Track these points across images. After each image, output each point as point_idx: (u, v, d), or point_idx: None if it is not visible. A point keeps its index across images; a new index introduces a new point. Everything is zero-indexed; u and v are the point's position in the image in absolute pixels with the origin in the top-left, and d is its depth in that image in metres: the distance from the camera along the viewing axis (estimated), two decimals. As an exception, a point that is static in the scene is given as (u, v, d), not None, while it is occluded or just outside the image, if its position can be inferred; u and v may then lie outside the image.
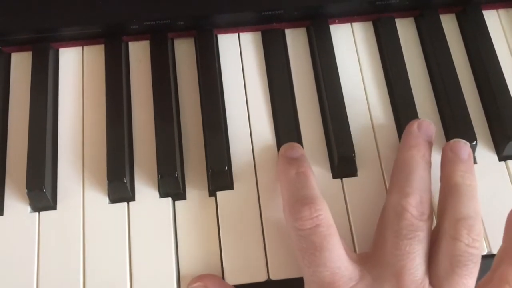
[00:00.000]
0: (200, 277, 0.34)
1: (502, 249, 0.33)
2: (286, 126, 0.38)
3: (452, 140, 0.35)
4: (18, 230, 0.36)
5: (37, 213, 0.36)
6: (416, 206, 0.32)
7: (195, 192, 0.37)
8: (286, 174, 0.34)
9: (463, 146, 0.35)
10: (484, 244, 0.35)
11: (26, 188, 0.35)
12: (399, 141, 0.38)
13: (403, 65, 0.40)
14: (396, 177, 0.34)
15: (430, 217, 0.32)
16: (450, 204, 0.32)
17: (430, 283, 0.31)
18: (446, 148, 0.35)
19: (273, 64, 0.40)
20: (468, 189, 0.33)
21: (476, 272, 0.31)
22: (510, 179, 0.37)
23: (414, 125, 0.36)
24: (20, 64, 0.41)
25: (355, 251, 0.35)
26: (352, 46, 0.41)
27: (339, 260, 0.31)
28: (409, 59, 0.40)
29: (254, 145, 0.38)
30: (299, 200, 0.32)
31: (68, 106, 0.40)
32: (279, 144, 0.38)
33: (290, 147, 0.36)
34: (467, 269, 0.30)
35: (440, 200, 0.34)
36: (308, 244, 0.31)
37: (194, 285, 0.34)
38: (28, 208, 0.36)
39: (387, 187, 0.37)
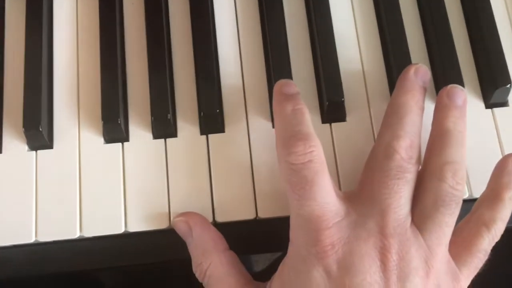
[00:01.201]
0: (183, 214, 0.35)
1: (483, 193, 0.34)
2: (278, 71, 0.39)
3: (449, 86, 0.36)
4: (16, 168, 0.37)
5: (34, 152, 0.37)
6: (405, 149, 0.32)
7: (187, 130, 0.38)
8: (282, 110, 0.34)
9: (459, 92, 0.35)
10: (466, 188, 0.36)
11: (23, 128, 0.36)
12: (389, 87, 0.39)
13: (398, 11, 0.40)
14: (389, 120, 0.35)
15: (418, 162, 0.33)
16: (439, 148, 0.33)
17: (413, 222, 0.32)
18: (443, 93, 0.35)
19: (267, 9, 0.40)
20: (458, 135, 0.34)
21: (457, 212, 0.32)
22: (495, 126, 0.38)
23: (411, 70, 0.36)
24: (15, 5, 0.41)
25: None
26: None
27: (328, 195, 0.32)
28: (402, 5, 0.40)
29: (246, 89, 0.39)
30: (294, 135, 0.32)
31: (63, 47, 0.40)
32: (270, 88, 0.39)
33: (286, 84, 0.36)
34: (450, 208, 0.32)
35: (429, 143, 0.34)
36: (300, 178, 0.31)
37: (176, 219, 0.35)
38: (26, 147, 0.38)
39: (375, 133, 0.38)
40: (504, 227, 0.33)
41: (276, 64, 0.39)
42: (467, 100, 0.36)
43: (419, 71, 0.36)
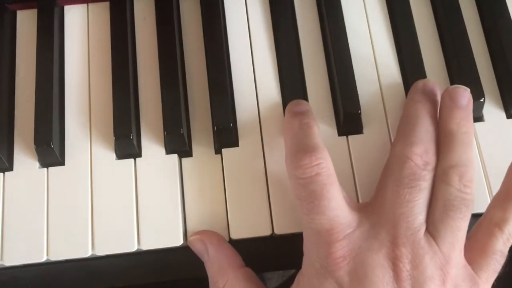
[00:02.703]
0: (199, 232, 0.35)
1: (496, 195, 0.34)
2: (292, 84, 0.38)
3: (452, 86, 0.35)
4: (27, 185, 0.36)
5: (45, 169, 0.37)
6: (420, 155, 0.32)
7: (202, 149, 0.37)
8: (290, 126, 0.34)
9: (463, 92, 0.34)
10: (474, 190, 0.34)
11: (35, 144, 0.36)
12: (406, 98, 0.38)
13: (411, 22, 0.39)
14: (401, 130, 0.34)
15: (435, 168, 0.32)
16: (444, 151, 0.33)
17: (427, 229, 0.31)
18: (445, 94, 0.35)
19: (280, 21, 0.40)
20: (463, 136, 0.33)
21: (469, 215, 0.32)
22: (517, 136, 0.37)
23: (419, 84, 0.36)
24: (26, 22, 0.41)
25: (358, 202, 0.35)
26: (360, 1, 0.41)
27: (337, 208, 0.31)
28: (417, 13, 0.40)
29: (259, 102, 0.38)
30: (301, 149, 0.32)
31: (74, 63, 0.40)
32: (284, 101, 0.38)
33: (297, 103, 0.36)
34: (460, 212, 0.31)
35: (436, 147, 0.34)
36: (308, 192, 0.31)
37: (192, 238, 0.35)
38: (37, 164, 0.37)
39: (393, 140, 0.37)
40: None
41: (289, 77, 0.38)
42: (471, 99, 0.35)
43: (428, 84, 0.36)
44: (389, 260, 0.30)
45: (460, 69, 0.37)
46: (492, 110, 0.37)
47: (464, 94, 0.34)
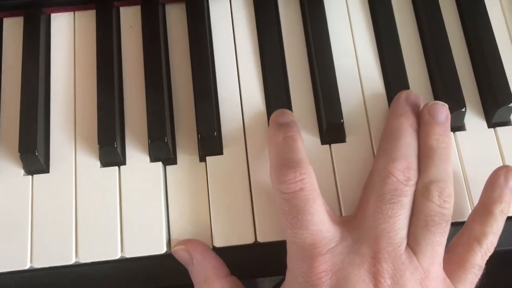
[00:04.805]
0: (183, 241, 0.35)
1: (475, 208, 0.34)
2: (276, 92, 0.39)
3: (430, 102, 0.35)
4: (11, 193, 0.36)
5: (30, 176, 0.37)
6: (402, 171, 0.32)
7: (186, 157, 0.38)
8: (274, 138, 0.35)
9: (441, 108, 0.35)
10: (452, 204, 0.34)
11: (19, 152, 0.36)
12: (389, 107, 0.38)
13: (395, 32, 0.40)
14: (384, 144, 0.35)
15: (416, 184, 0.33)
16: (424, 167, 0.33)
17: (407, 244, 0.32)
18: (424, 110, 0.35)
19: (265, 30, 0.40)
20: (443, 152, 0.34)
21: (448, 230, 0.32)
22: (498, 146, 0.37)
23: (402, 95, 0.36)
24: (12, 29, 0.41)
25: (341, 216, 0.36)
26: (345, 12, 0.41)
27: (320, 223, 0.31)
28: (401, 25, 0.40)
29: (244, 111, 0.38)
30: (285, 163, 0.32)
31: (60, 71, 0.40)
32: (269, 110, 0.38)
33: (281, 113, 0.36)
34: (440, 227, 0.32)
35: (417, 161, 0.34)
36: (291, 207, 0.31)
37: (177, 247, 0.35)
38: (22, 171, 0.37)
39: (375, 153, 0.37)
40: (496, 241, 0.33)
41: (274, 86, 0.38)
42: (449, 115, 0.35)
43: (410, 96, 0.36)
44: (371, 275, 0.30)
45: (442, 79, 0.38)
46: (474, 119, 0.38)
47: (443, 110, 0.35)
